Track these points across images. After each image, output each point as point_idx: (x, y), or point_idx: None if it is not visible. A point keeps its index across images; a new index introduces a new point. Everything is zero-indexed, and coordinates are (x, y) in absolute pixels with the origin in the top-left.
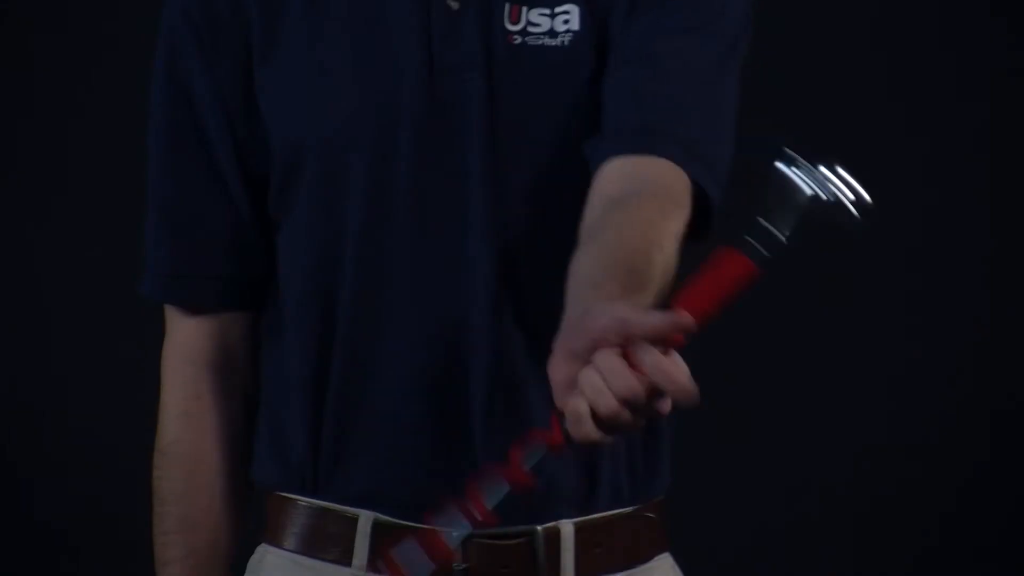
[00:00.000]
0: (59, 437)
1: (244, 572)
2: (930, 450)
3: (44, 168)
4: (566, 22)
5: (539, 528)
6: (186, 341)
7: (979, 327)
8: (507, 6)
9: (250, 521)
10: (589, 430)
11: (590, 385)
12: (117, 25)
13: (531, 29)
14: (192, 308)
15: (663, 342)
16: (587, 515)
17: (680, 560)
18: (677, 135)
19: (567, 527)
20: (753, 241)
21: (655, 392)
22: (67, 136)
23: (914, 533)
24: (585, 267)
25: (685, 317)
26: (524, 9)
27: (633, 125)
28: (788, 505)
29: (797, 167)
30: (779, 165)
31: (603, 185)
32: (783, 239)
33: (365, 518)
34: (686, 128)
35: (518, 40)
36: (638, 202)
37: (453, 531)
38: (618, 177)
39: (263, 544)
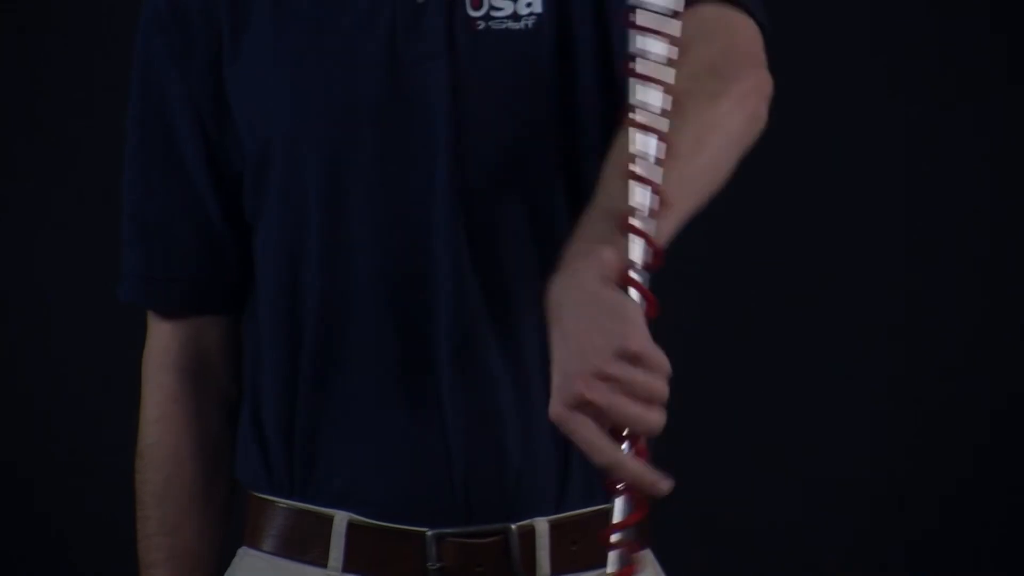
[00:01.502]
0: (59, 436)
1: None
2: (927, 450)
3: (45, 168)
4: (529, 5)
5: (513, 527)
6: (162, 345)
7: (976, 326)
8: None
9: (235, 522)
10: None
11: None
12: (118, 24)
13: (494, 14)
14: (166, 312)
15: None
16: (561, 513)
17: (668, 557)
18: None
19: (542, 524)
20: None
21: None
22: (68, 136)
23: (909, 534)
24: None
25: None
26: None
27: None
28: (777, 503)
29: None
30: None
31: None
32: None
33: (340, 518)
34: None
35: (481, 25)
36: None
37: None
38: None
39: (243, 546)
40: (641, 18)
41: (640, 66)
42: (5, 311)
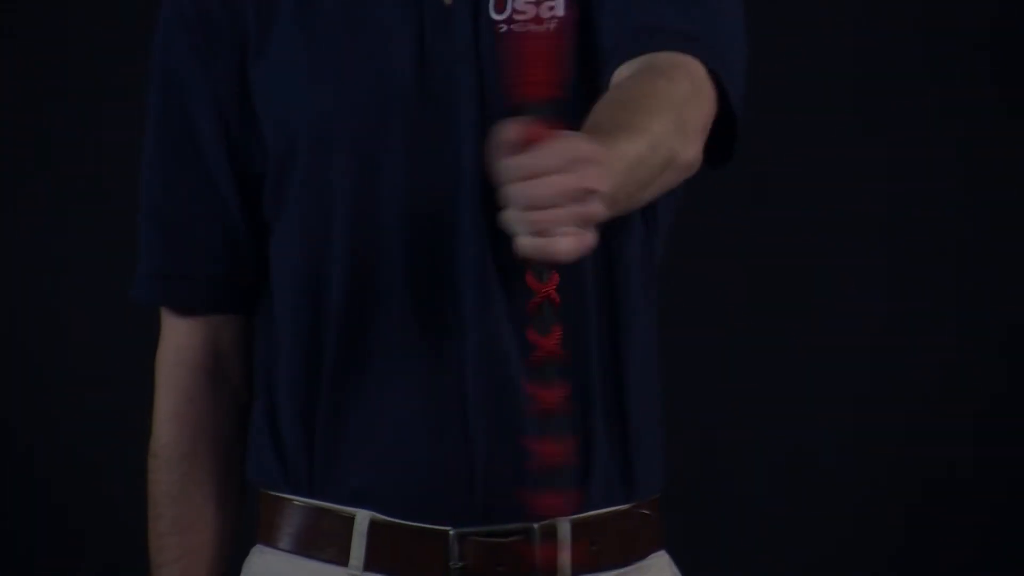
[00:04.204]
0: (71, 435)
1: (239, 573)
2: (924, 448)
3: (54, 167)
4: (551, 8)
5: (535, 526)
6: (178, 344)
7: (967, 330)
8: None
9: (245, 522)
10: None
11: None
12: (133, 24)
13: (516, 17)
14: (182, 310)
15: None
16: (582, 513)
17: (677, 558)
18: (683, 31)
19: (563, 525)
20: None
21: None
22: (72, 139)
23: (909, 530)
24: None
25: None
26: None
27: (638, 25)
28: (784, 503)
29: None
30: None
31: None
32: None
33: (361, 517)
34: (692, 25)
35: (504, 29)
36: (640, 75)
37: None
38: (625, 74)
39: (258, 544)
40: None
41: None
42: (18, 310)
